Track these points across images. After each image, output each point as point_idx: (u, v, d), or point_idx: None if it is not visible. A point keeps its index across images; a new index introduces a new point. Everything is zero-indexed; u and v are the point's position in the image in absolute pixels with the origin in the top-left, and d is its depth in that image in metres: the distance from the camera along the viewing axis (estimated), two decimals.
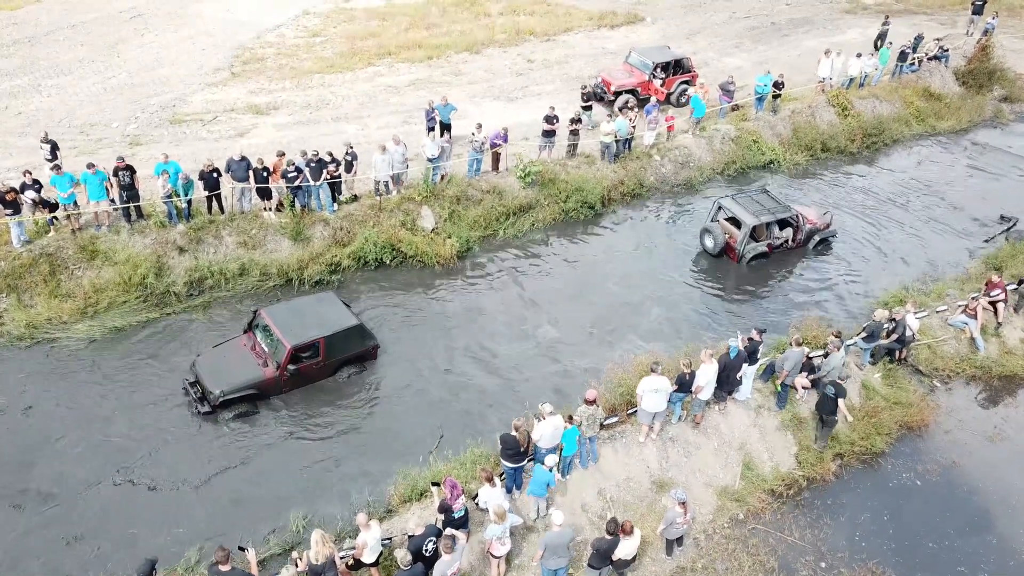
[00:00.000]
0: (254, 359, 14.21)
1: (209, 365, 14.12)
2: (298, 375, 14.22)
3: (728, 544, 12.53)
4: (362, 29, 31.25)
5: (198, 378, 14.04)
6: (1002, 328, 17.28)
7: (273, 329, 14.16)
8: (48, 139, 17.76)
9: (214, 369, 13.99)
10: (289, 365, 13.97)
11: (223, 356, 14.35)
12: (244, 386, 13.77)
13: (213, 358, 14.32)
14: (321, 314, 14.72)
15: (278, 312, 14.69)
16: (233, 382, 13.72)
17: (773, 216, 19.10)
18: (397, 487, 12.45)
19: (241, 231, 17.54)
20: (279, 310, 14.84)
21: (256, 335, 14.51)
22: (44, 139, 17.77)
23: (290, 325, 14.21)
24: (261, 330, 14.48)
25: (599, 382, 14.39)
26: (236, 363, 14.12)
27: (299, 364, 14.11)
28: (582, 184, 20.84)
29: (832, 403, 13.57)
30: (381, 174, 18.69)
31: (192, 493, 12.56)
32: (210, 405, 13.65)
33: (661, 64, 25.28)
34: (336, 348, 14.46)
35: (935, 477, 14.10)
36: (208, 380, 13.78)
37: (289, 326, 14.17)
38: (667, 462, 13.38)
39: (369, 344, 15.17)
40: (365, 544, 10.36)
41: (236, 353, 14.37)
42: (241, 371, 13.94)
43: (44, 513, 12.01)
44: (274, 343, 14.12)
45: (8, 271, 15.78)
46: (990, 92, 29.49)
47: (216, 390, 13.57)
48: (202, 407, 13.70)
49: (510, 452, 11.86)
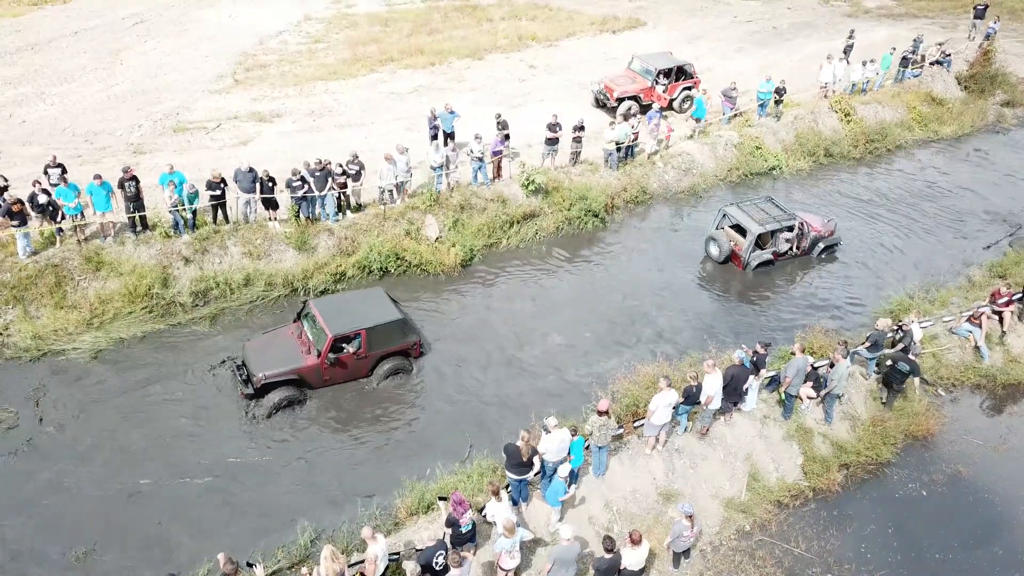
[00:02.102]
0: (298, 347, 14.66)
1: (255, 350, 14.65)
2: (339, 364, 14.55)
3: (735, 556, 12.54)
4: (364, 35, 31.30)
5: (245, 361, 14.55)
6: (1007, 336, 17.29)
7: (318, 319, 14.61)
8: (57, 163, 17.09)
9: (260, 354, 14.50)
10: (330, 354, 14.30)
11: (269, 342, 14.89)
12: (285, 372, 14.20)
13: (260, 344, 14.86)
14: (366, 307, 15.17)
15: (325, 303, 15.22)
16: (276, 367, 14.18)
17: (778, 224, 19.13)
18: (404, 500, 12.46)
19: (246, 241, 17.57)
20: (327, 301, 15.40)
21: (303, 324, 14.95)
22: (52, 163, 17.03)
23: (335, 316, 14.66)
24: (308, 320, 14.92)
25: (605, 392, 14.39)
26: (281, 349, 14.63)
27: (339, 354, 14.46)
28: (585, 192, 20.85)
29: (902, 377, 14.69)
30: (386, 183, 18.72)
31: (197, 501, 12.58)
32: (253, 388, 14.11)
33: (664, 71, 25.30)
34: (377, 341, 14.83)
35: (941, 487, 14.10)
36: (253, 364, 14.26)
37: (334, 317, 14.63)
38: (673, 473, 13.40)
39: (411, 340, 15.43)
40: (376, 557, 10.36)
41: (282, 340, 14.90)
42: (284, 357, 14.43)
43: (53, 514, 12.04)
44: (318, 332, 14.55)
45: (14, 283, 15.80)
46: (992, 97, 29.52)
47: (259, 373, 14.04)
48: (246, 389, 14.20)
49: (514, 463, 11.86)
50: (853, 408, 15.16)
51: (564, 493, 11.80)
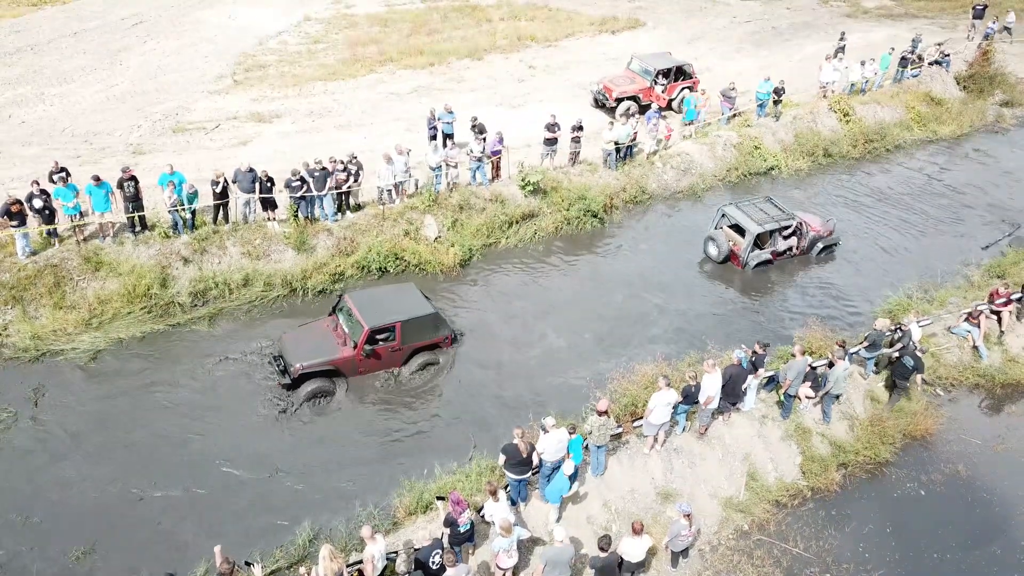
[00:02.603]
0: (334, 339, 14.99)
1: (292, 342, 14.94)
2: (374, 356, 14.89)
3: (733, 556, 12.54)
4: (363, 35, 31.32)
5: (281, 353, 14.86)
6: (1005, 336, 17.30)
7: (354, 312, 14.93)
8: (60, 168, 16.88)
9: (296, 345, 14.79)
10: (365, 346, 14.61)
11: (306, 335, 15.20)
12: (322, 362, 14.50)
13: (296, 336, 15.18)
14: (400, 301, 15.56)
15: (360, 297, 15.54)
16: (312, 358, 14.46)
17: (777, 224, 19.15)
18: (402, 499, 12.47)
19: (245, 241, 17.59)
20: (361, 295, 15.70)
21: (339, 318, 15.26)
22: (56, 169, 16.81)
23: (370, 309, 15.00)
24: (343, 313, 15.23)
25: (604, 392, 14.40)
26: (317, 341, 14.95)
27: (375, 346, 14.79)
28: (584, 192, 20.87)
29: (908, 372, 14.74)
30: (385, 183, 18.74)
31: (196, 501, 12.60)
32: (290, 378, 14.37)
33: (663, 71, 25.32)
34: (411, 334, 15.17)
35: (939, 487, 14.10)
36: (290, 355, 14.55)
37: (369, 310, 14.97)
38: (672, 473, 13.41)
39: (444, 333, 15.71)
40: (373, 556, 10.38)
41: (318, 333, 15.21)
42: (321, 349, 14.75)
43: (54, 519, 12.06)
44: (354, 324, 14.86)
45: (13, 283, 15.81)
46: (991, 97, 29.53)
47: (296, 363, 14.31)
48: (283, 379, 14.49)
49: (513, 463, 11.86)
50: (852, 408, 15.17)
51: (567, 490, 11.82)
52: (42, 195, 15.97)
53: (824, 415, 14.67)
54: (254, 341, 15.97)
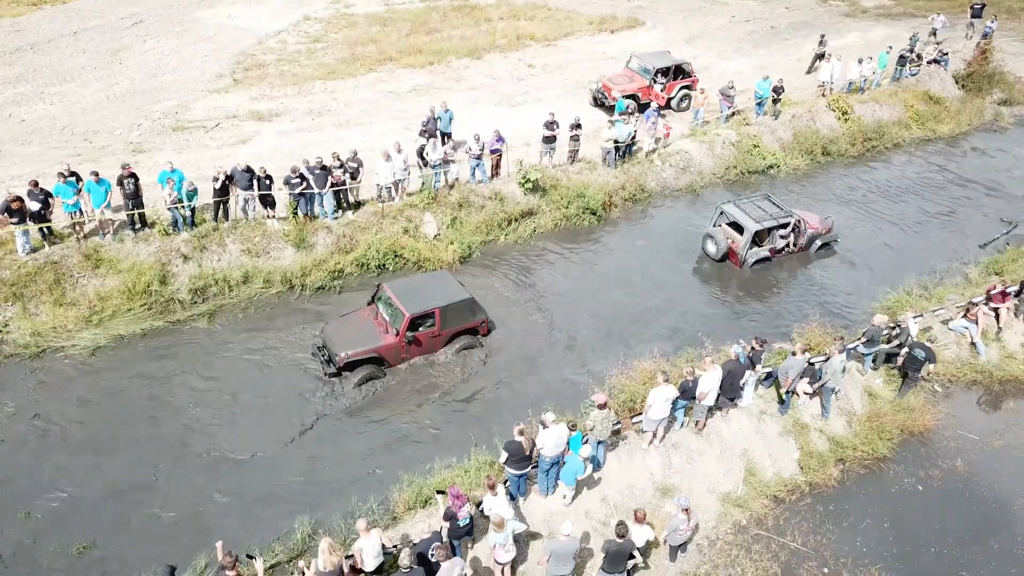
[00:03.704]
0: (376, 327, 15.33)
1: (335, 332, 15.25)
2: (416, 343, 15.29)
3: (731, 550, 12.59)
4: (363, 35, 31.34)
5: (325, 343, 15.18)
6: (1003, 333, 17.34)
7: (394, 300, 15.27)
8: (71, 171, 16.71)
9: (340, 335, 15.10)
10: (407, 332, 14.96)
11: (348, 324, 15.51)
12: (367, 350, 14.85)
13: (338, 326, 15.48)
14: (437, 288, 15.91)
15: (398, 286, 15.84)
16: (357, 346, 14.82)
17: (775, 221, 19.19)
18: (402, 494, 12.51)
19: (245, 239, 17.64)
20: (399, 284, 15.99)
21: (378, 307, 15.59)
22: (67, 171, 16.57)
23: (409, 296, 15.35)
24: (383, 302, 15.56)
25: (603, 388, 14.44)
26: (360, 330, 15.26)
27: (416, 332, 15.15)
28: (583, 190, 20.93)
29: (919, 364, 14.91)
30: (384, 180, 18.78)
31: (197, 495, 12.63)
32: (335, 367, 14.76)
33: (662, 69, 25.37)
34: (450, 319, 15.56)
35: (937, 482, 14.14)
36: (335, 344, 14.87)
37: (408, 297, 15.32)
38: (670, 468, 13.45)
39: (480, 318, 16.10)
40: (361, 550, 10.38)
41: (360, 322, 15.53)
42: (364, 337, 15.07)
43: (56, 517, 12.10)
44: (394, 312, 15.21)
45: (13, 280, 15.85)
46: (989, 95, 29.59)
47: (342, 352, 14.66)
48: (328, 368, 14.90)
49: (515, 459, 11.90)
50: (849, 404, 15.22)
51: (582, 472, 11.95)
52: (41, 194, 15.98)
53: (823, 410, 14.72)
54: (254, 338, 16.02)
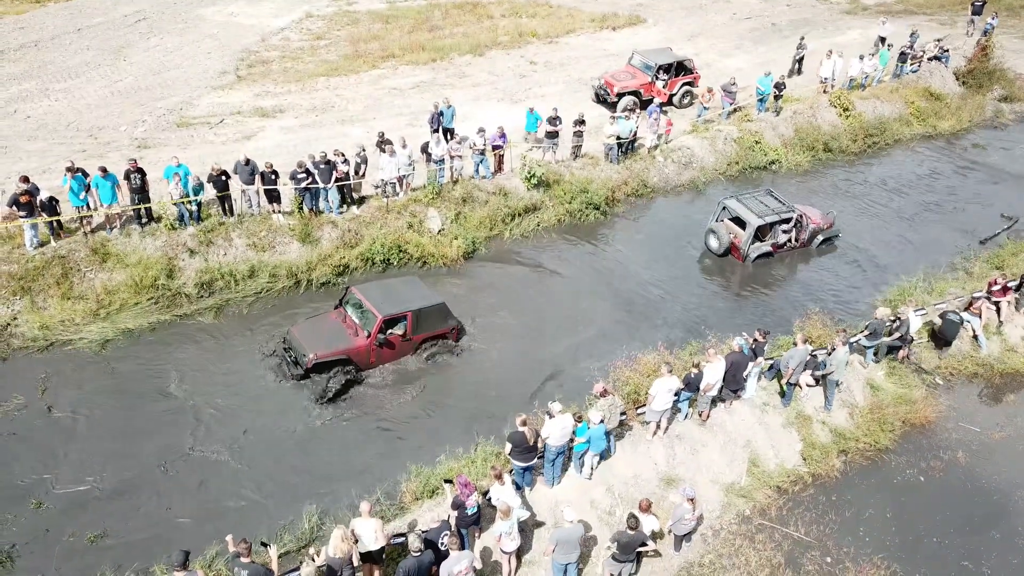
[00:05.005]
0: (345, 330, 15.10)
1: (302, 333, 14.99)
2: (387, 345, 15.08)
3: (735, 540, 12.71)
4: (365, 32, 31.47)
5: (291, 345, 14.92)
6: (1004, 327, 17.47)
7: (365, 303, 15.13)
8: (77, 168, 16.64)
9: (307, 337, 14.84)
10: (379, 335, 14.82)
11: (315, 327, 15.27)
12: (336, 352, 14.58)
13: (306, 328, 15.22)
14: (408, 292, 15.85)
15: (368, 289, 15.70)
16: (327, 348, 14.56)
17: (777, 216, 19.31)
18: (409, 484, 12.62)
19: (250, 233, 17.74)
20: (369, 287, 15.83)
21: (346, 310, 15.38)
22: (72, 168, 16.53)
23: (381, 299, 15.24)
24: (351, 305, 15.37)
25: (607, 380, 14.54)
26: (329, 332, 15.02)
27: (388, 335, 14.99)
28: (587, 185, 21.05)
29: (956, 327, 15.97)
30: (387, 175, 18.89)
31: (205, 486, 12.76)
32: (303, 369, 14.46)
33: (664, 66, 25.47)
34: (422, 324, 15.42)
35: (938, 474, 14.27)
36: (303, 346, 14.60)
37: (380, 300, 15.20)
38: (674, 459, 13.57)
39: (451, 324, 15.95)
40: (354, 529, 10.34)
41: (328, 325, 15.30)
42: (334, 339, 14.84)
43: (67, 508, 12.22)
44: (365, 315, 15.03)
45: (21, 274, 15.95)
46: (990, 92, 29.70)
47: (311, 353, 14.36)
48: (295, 370, 14.66)
49: (520, 450, 12.00)
50: (851, 396, 15.35)
51: (604, 445, 12.33)
52: (50, 200, 16.12)
53: (826, 401, 14.85)
54: (261, 331, 16.12)
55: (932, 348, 16.80)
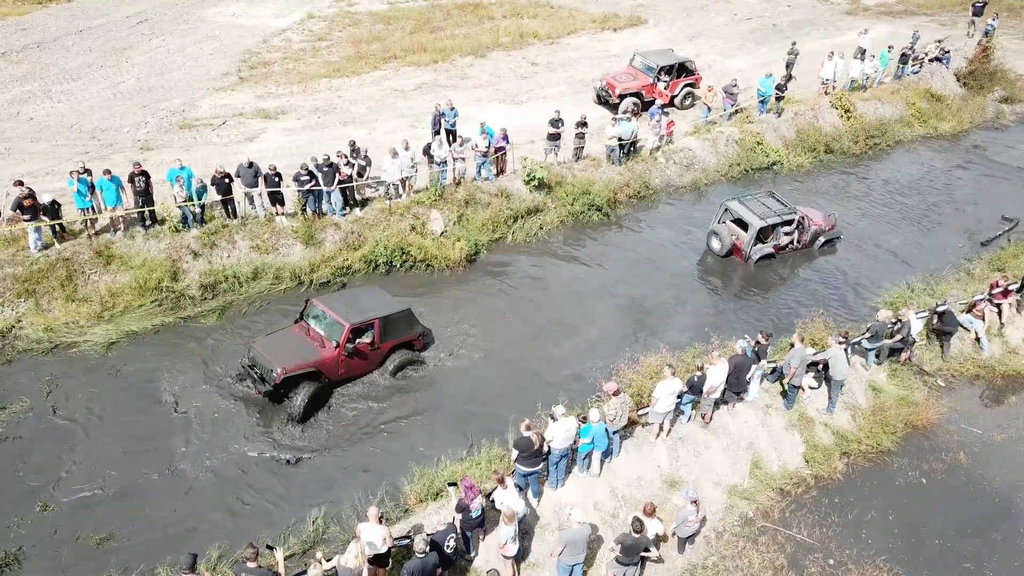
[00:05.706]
0: (311, 342, 14.71)
1: (267, 348, 14.46)
2: (356, 355, 14.78)
3: (738, 542, 12.75)
4: (367, 33, 31.52)
5: (255, 361, 14.38)
6: (1005, 328, 17.51)
7: (329, 313, 14.81)
8: (85, 168, 16.78)
9: (273, 351, 14.33)
10: (347, 344, 14.51)
11: (280, 340, 14.79)
12: (305, 363, 14.15)
13: (270, 342, 14.72)
14: (372, 301, 15.59)
15: (331, 300, 15.47)
16: (294, 361, 14.09)
17: (779, 218, 19.36)
18: (413, 487, 12.66)
19: (254, 235, 17.79)
20: (331, 298, 15.64)
21: (309, 323, 15.04)
22: (81, 170, 16.58)
23: (345, 309, 14.95)
24: (313, 318, 15.06)
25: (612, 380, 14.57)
26: (294, 345, 14.60)
27: (356, 344, 14.70)
28: (589, 187, 21.09)
29: (956, 322, 16.32)
30: (390, 177, 18.93)
31: (210, 489, 12.81)
32: (271, 384, 13.93)
33: (665, 67, 25.51)
34: (389, 331, 15.20)
35: (941, 475, 14.31)
36: (270, 361, 14.05)
37: (344, 309, 14.90)
38: (677, 461, 13.61)
39: (418, 331, 15.80)
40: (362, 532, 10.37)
41: (292, 338, 14.89)
42: (300, 352, 14.40)
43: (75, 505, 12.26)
44: (331, 325, 14.70)
45: (26, 276, 16.00)
46: (991, 93, 29.74)
47: (279, 367, 13.84)
48: (262, 386, 14.09)
49: (526, 455, 11.94)
50: (853, 398, 15.38)
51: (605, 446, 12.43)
52: (53, 204, 16.16)
53: (830, 403, 14.90)
54: (264, 332, 16.09)
55: (935, 346, 16.81)
